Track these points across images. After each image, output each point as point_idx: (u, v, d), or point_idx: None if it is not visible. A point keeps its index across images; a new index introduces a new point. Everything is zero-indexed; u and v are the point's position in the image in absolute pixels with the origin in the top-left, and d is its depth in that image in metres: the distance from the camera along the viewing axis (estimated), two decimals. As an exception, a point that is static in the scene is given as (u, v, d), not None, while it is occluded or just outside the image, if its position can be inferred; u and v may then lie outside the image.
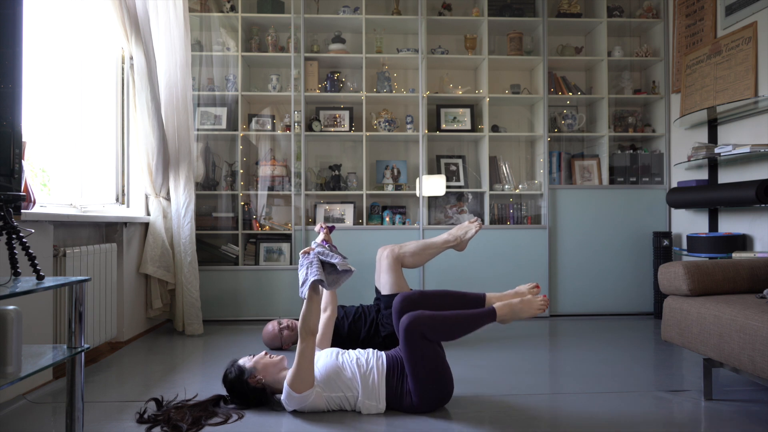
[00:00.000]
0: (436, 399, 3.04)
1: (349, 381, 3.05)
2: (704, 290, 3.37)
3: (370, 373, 3.07)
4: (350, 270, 3.06)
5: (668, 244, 5.78)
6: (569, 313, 6.02)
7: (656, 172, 6.19)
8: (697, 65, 5.53)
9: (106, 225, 4.54)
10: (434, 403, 3.05)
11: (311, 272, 3.01)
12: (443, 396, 3.07)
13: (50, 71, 4.05)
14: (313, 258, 3.10)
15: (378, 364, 3.11)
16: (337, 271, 3.08)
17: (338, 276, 3.10)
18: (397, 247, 4.44)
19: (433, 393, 3.02)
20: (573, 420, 2.97)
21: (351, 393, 3.03)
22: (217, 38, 5.98)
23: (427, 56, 6.07)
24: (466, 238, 4.53)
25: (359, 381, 3.04)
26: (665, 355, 4.35)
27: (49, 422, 2.96)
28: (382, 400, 3.02)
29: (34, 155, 3.80)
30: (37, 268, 2.34)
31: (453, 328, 3.09)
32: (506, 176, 6.23)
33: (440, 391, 3.04)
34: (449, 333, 3.09)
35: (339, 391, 3.03)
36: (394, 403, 3.04)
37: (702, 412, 3.11)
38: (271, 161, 6.02)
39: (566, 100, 6.39)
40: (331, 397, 3.02)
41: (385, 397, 3.03)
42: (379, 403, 3.02)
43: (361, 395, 3.02)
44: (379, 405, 3.02)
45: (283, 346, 4.48)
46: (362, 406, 3.02)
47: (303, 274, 3.06)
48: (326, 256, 3.13)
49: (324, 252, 3.16)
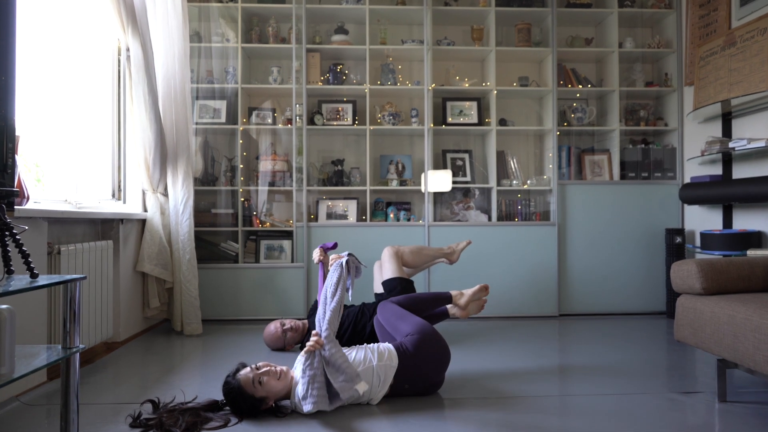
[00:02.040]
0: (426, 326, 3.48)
1: (359, 359, 3.23)
2: (718, 289, 3.36)
3: (376, 346, 3.36)
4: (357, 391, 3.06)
5: (681, 241, 5.76)
6: (579, 313, 6.01)
7: (669, 167, 6.18)
8: (711, 57, 5.50)
9: (101, 222, 4.53)
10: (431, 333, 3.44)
11: (312, 394, 2.98)
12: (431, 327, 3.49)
13: (44, 63, 4.05)
14: (317, 369, 3.03)
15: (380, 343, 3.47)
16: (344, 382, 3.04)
17: (345, 386, 3.03)
18: (396, 247, 4.85)
19: (420, 322, 3.51)
20: (583, 423, 2.96)
21: (365, 365, 3.19)
22: (216, 29, 5.97)
23: (432, 48, 6.05)
24: (458, 248, 5.05)
25: (369, 354, 3.26)
26: (678, 356, 4.34)
27: (43, 425, 2.96)
28: (394, 358, 3.27)
29: (27, 150, 3.80)
30: (31, 266, 2.35)
31: (415, 299, 4.08)
32: (514, 171, 6.22)
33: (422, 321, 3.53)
34: (411, 301, 4.02)
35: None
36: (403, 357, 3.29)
37: (716, 414, 3.10)
38: (272, 156, 6.01)
39: (576, 92, 6.36)
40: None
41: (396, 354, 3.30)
42: (392, 361, 3.26)
43: (376, 360, 3.23)
44: (393, 362, 3.26)
45: (286, 347, 4.48)
46: (379, 370, 3.20)
47: (303, 389, 3.02)
48: (332, 368, 3.05)
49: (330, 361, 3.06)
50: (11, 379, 2.07)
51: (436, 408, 3.18)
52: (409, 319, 3.58)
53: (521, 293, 5.91)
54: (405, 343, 3.35)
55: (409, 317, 3.61)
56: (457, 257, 5.05)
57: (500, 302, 5.84)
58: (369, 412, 3.10)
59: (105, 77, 4.96)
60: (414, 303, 4.03)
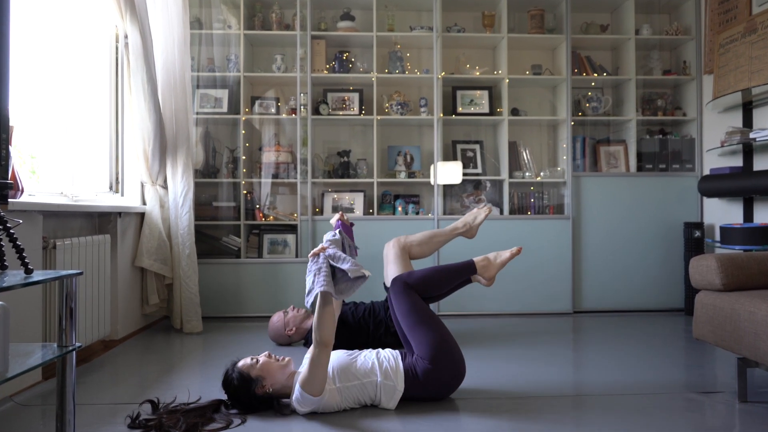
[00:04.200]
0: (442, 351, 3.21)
1: (365, 368, 3.13)
2: (739, 285, 3.34)
3: (385, 359, 3.20)
4: (364, 276, 2.99)
5: (700, 235, 5.73)
6: (594, 309, 6.00)
7: (687, 158, 6.15)
8: (731, 44, 5.47)
9: (99, 215, 4.53)
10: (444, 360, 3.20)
11: (318, 281, 2.95)
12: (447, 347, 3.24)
13: (39, 51, 4.04)
14: (322, 263, 3.02)
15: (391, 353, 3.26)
16: (349, 278, 3.00)
17: (350, 283, 3.02)
18: (403, 237, 4.48)
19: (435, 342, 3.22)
20: (598, 422, 2.94)
21: (369, 379, 3.10)
22: (217, 15, 5.95)
23: (442, 35, 6.03)
24: (475, 223, 4.60)
25: (377, 366, 3.14)
26: (697, 354, 4.33)
27: (38, 426, 2.96)
28: (400, 381, 3.12)
29: (22, 141, 3.80)
30: (26, 261, 2.34)
31: (433, 276, 3.64)
32: (527, 163, 6.20)
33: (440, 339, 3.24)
34: (430, 282, 3.59)
35: (355, 379, 3.09)
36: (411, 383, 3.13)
37: (736, 414, 3.09)
38: (276, 147, 6.00)
39: (591, 81, 6.33)
40: (348, 388, 3.06)
41: (403, 376, 3.13)
42: (397, 384, 3.10)
43: (380, 378, 3.09)
44: (398, 386, 3.10)
45: (290, 334, 4.50)
46: (382, 388, 3.09)
47: (310, 282, 3.01)
48: (337, 260, 3.02)
49: (335, 255, 3.05)
50: (5, 378, 2.07)
51: (446, 408, 3.17)
52: (425, 331, 3.29)
53: (534, 289, 5.89)
54: (416, 367, 3.20)
55: (424, 328, 3.30)
56: (475, 232, 4.66)
57: (512, 299, 5.83)
58: (377, 410, 3.10)
59: (102, 65, 4.94)
60: (432, 285, 3.65)
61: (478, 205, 5.92)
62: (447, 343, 3.27)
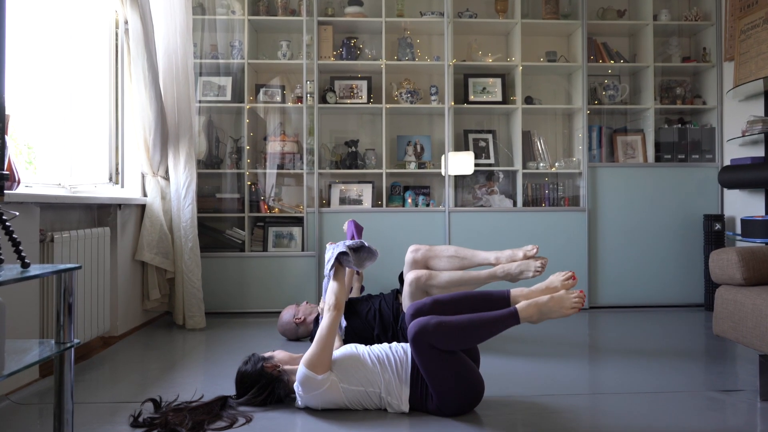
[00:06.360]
0: (462, 405, 3.02)
1: (369, 375, 3.07)
2: (760, 279, 3.32)
3: (392, 373, 3.08)
4: (376, 252, 3.51)
5: (720, 228, 5.70)
6: (610, 305, 5.98)
7: (707, 148, 6.11)
8: (753, 30, 5.43)
9: (98, 207, 4.53)
10: (460, 409, 3.03)
11: (337, 249, 3.42)
12: (469, 401, 3.03)
13: (36, 38, 4.03)
14: (341, 243, 3.47)
15: (401, 363, 3.10)
16: (363, 251, 3.50)
17: (364, 257, 3.49)
18: (425, 275, 4.00)
19: (457, 401, 3.00)
20: (615, 423, 2.94)
21: (372, 389, 3.06)
22: (221, 0, 5.94)
23: (453, 20, 6.00)
24: (520, 278, 4.00)
25: (381, 376, 3.06)
26: (717, 351, 4.32)
27: (35, 425, 2.97)
28: (405, 402, 3.04)
29: (18, 130, 3.80)
30: (22, 254, 2.33)
31: (465, 334, 2.97)
32: (541, 153, 6.17)
33: (464, 398, 3.01)
34: (461, 340, 2.96)
35: (358, 384, 3.05)
36: (417, 406, 3.05)
37: (758, 413, 3.08)
38: (281, 136, 6.00)
39: (607, 68, 6.30)
40: (350, 390, 3.04)
41: (408, 399, 3.04)
42: (401, 404, 3.04)
43: (383, 392, 3.05)
44: (402, 406, 3.04)
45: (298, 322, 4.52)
46: (387, 402, 3.06)
47: (329, 255, 3.46)
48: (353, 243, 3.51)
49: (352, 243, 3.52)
50: (1, 376, 2.07)
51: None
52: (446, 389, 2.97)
53: (548, 284, 5.86)
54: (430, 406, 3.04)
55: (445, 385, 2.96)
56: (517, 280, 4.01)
57: (525, 294, 5.80)
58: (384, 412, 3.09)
59: (102, 52, 4.93)
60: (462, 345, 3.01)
61: (501, 199, 5.87)
62: (470, 399, 3.04)
